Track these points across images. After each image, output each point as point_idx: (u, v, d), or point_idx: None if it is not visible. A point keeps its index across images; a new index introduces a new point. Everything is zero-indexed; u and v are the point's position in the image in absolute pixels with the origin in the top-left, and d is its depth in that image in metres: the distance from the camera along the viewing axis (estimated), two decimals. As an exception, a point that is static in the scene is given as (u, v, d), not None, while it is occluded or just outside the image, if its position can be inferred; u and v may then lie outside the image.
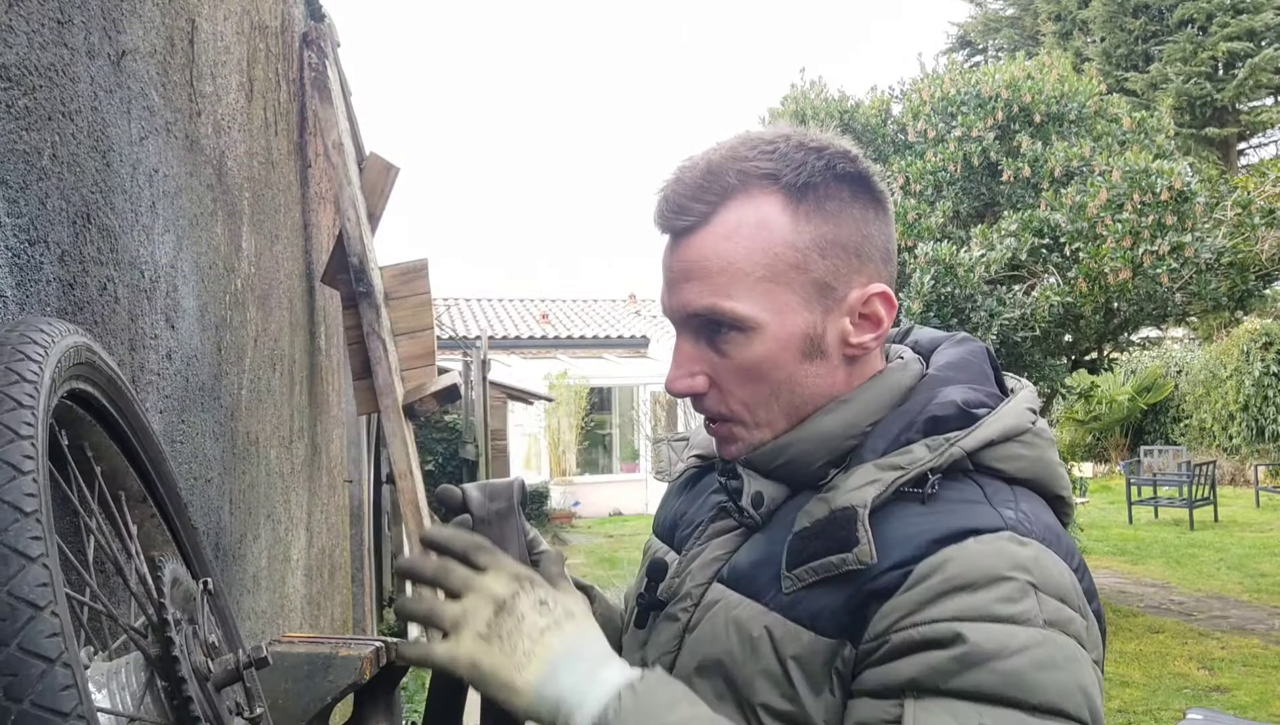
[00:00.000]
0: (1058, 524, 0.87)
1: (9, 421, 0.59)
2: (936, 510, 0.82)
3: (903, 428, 0.87)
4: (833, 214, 0.88)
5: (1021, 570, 0.77)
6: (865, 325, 0.90)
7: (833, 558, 0.81)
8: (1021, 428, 0.88)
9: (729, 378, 0.90)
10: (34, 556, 0.55)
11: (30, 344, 0.65)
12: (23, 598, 0.53)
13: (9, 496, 0.56)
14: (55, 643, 0.53)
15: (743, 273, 0.86)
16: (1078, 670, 0.75)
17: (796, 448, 0.90)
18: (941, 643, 0.75)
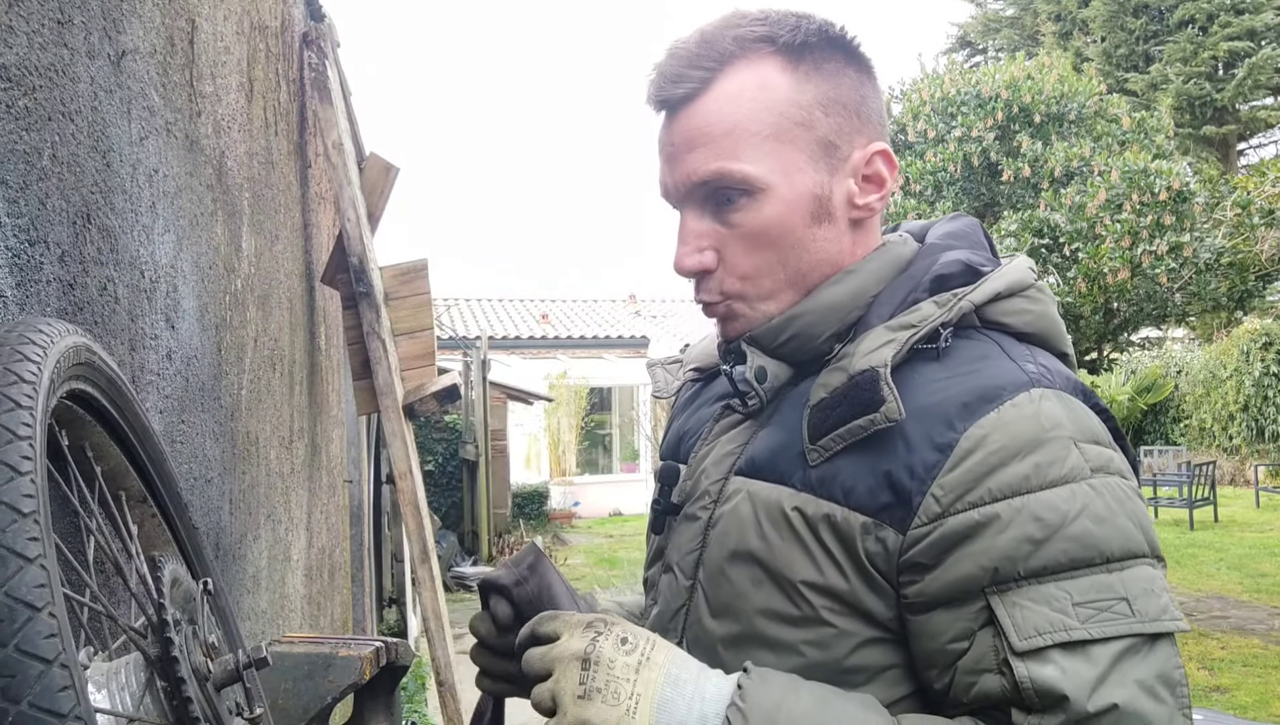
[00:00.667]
0: (1073, 373, 0.86)
1: (7, 422, 0.59)
2: (956, 372, 0.81)
3: (910, 290, 0.87)
4: (831, 74, 0.88)
5: (1057, 427, 0.77)
6: (869, 186, 0.90)
7: (859, 421, 0.79)
8: (1026, 282, 0.88)
9: (736, 249, 0.88)
10: (32, 557, 0.54)
11: (29, 344, 0.65)
12: (20, 599, 0.53)
13: (7, 497, 0.56)
14: (53, 644, 0.53)
15: (749, 133, 0.85)
16: (1131, 508, 0.77)
17: (803, 320, 0.88)
18: (1003, 523, 0.74)
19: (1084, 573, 0.73)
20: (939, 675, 0.78)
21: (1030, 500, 0.74)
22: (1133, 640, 0.72)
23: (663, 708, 0.74)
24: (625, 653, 0.76)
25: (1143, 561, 0.75)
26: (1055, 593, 0.73)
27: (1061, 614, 0.72)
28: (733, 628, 0.85)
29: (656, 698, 0.74)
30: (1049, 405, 0.78)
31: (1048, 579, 0.73)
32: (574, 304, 21.97)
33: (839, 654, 0.80)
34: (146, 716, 0.70)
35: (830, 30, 0.89)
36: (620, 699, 0.74)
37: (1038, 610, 0.73)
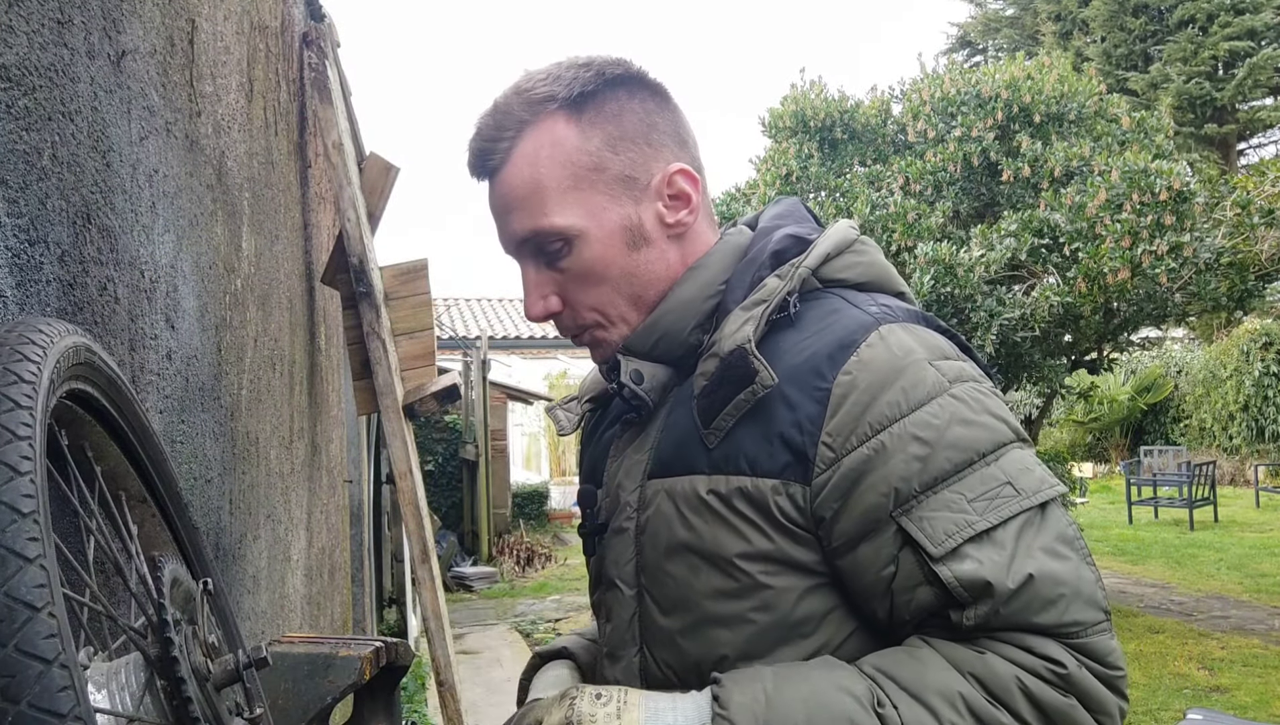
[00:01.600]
0: (909, 307, 0.96)
1: (6, 422, 0.59)
2: (812, 330, 0.90)
3: (754, 271, 0.96)
4: (613, 115, 0.96)
5: (909, 353, 0.86)
6: (676, 204, 0.97)
7: (741, 395, 0.87)
8: (849, 239, 0.98)
9: (574, 289, 0.97)
10: (31, 558, 0.54)
11: (29, 344, 0.65)
12: (20, 599, 0.53)
13: (6, 497, 0.56)
14: (52, 644, 0.53)
15: (550, 189, 0.94)
16: (989, 404, 0.86)
17: (665, 320, 0.96)
18: (889, 451, 0.83)
19: (968, 472, 0.82)
20: (879, 604, 0.85)
21: (906, 423, 0.83)
22: (1026, 515, 0.82)
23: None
24: (602, 704, 0.83)
25: (1012, 447, 0.85)
26: (951, 497, 0.81)
27: (962, 513, 0.81)
28: (685, 618, 0.91)
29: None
30: (898, 336, 0.88)
31: (940, 487, 0.82)
32: (574, 304, 21.93)
33: (785, 610, 0.87)
34: (146, 716, 0.70)
35: (608, 72, 0.96)
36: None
37: (941, 516, 0.81)
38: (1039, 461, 0.87)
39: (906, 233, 6.60)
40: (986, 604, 0.79)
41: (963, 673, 0.80)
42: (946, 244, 6.40)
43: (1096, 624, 0.81)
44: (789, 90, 7.95)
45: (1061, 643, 0.80)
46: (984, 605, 0.79)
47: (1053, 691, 0.79)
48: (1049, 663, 0.79)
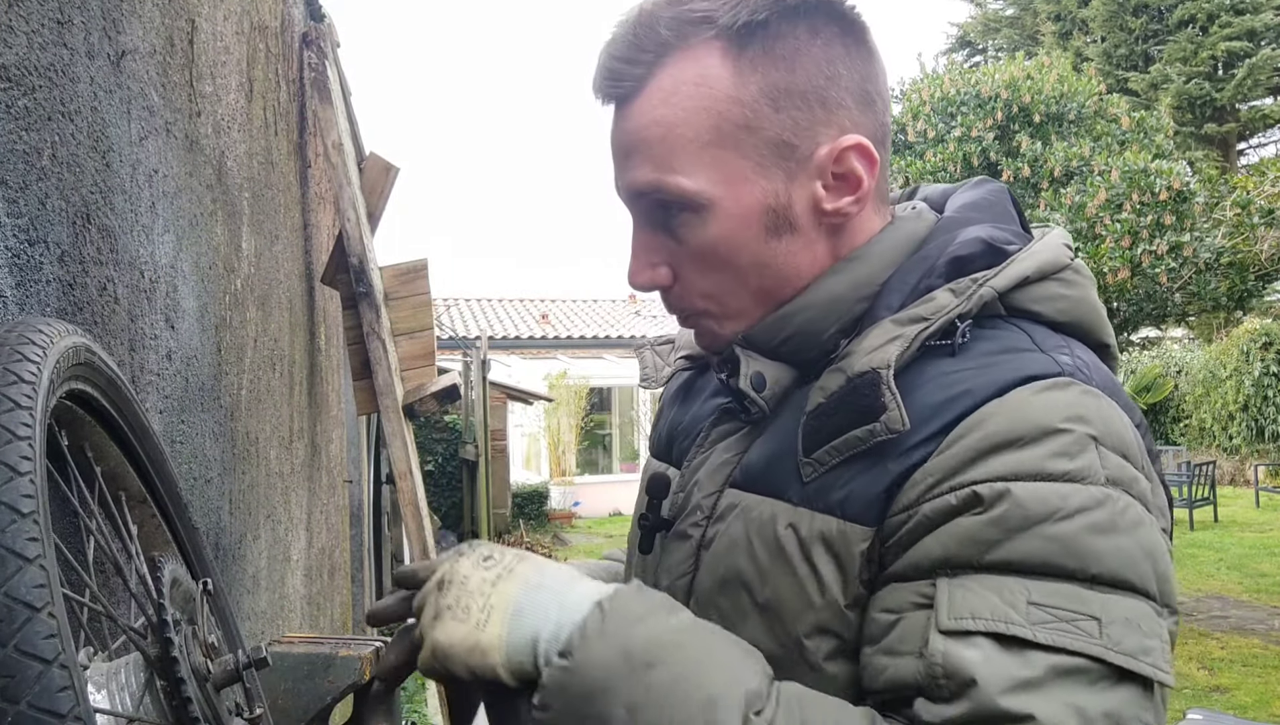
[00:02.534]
0: (1113, 375, 0.75)
1: (6, 422, 0.59)
2: (975, 364, 0.70)
3: (921, 275, 0.75)
4: (785, 57, 0.74)
5: (1079, 421, 0.65)
6: (841, 186, 0.77)
7: (857, 431, 0.69)
8: (1061, 262, 0.76)
9: (689, 266, 0.78)
10: (31, 558, 0.54)
11: (28, 344, 0.65)
12: (20, 599, 0.53)
13: (6, 497, 0.56)
14: (52, 644, 0.53)
15: (684, 140, 0.74)
16: (1143, 534, 0.64)
17: (802, 316, 0.77)
18: (980, 504, 0.64)
19: (1054, 578, 0.62)
20: (862, 662, 0.69)
21: (1017, 486, 0.63)
22: (1088, 664, 0.60)
23: (516, 620, 0.65)
24: (484, 568, 0.68)
25: (1138, 598, 0.63)
26: (1011, 585, 0.62)
27: (1009, 606, 0.61)
28: None
29: (511, 607, 0.66)
30: (1075, 396, 0.67)
31: (1008, 573, 0.63)
32: (574, 304, 21.97)
33: (825, 687, 0.70)
34: (146, 716, 0.70)
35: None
36: (470, 613, 0.66)
37: (982, 595, 0.62)
38: (1165, 639, 0.63)
39: (906, 233, 6.61)
40: (959, 707, 0.61)
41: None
42: (946, 244, 6.40)
43: None
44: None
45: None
46: (955, 707, 0.61)
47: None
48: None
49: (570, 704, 0.62)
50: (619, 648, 0.62)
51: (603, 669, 0.61)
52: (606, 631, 0.63)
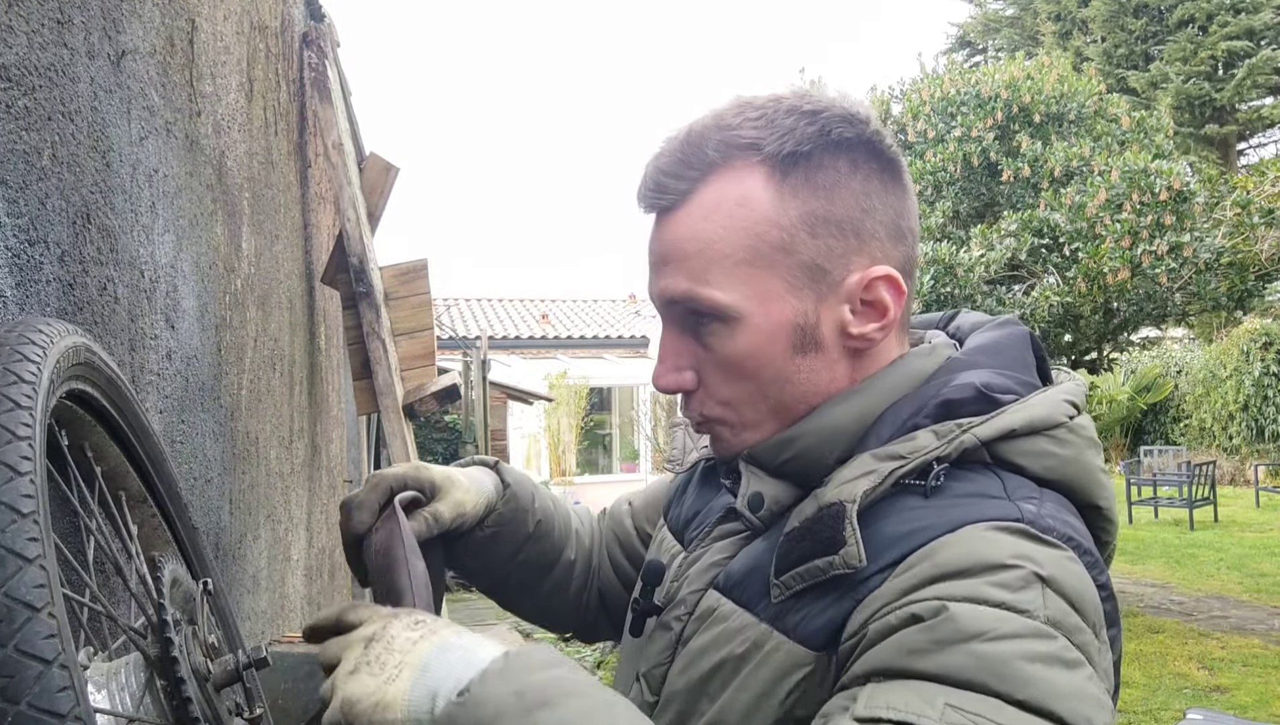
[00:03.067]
0: (1089, 535, 0.74)
1: (6, 422, 0.59)
2: (940, 504, 0.72)
3: (912, 413, 0.77)
4: (825, 187, 0.78)
5: (1029, 561, 0.66)
6: (868, 313, 0.80)
7: (818, 562, 0.71)
8: (1054, 421, 0.76)
9: (713, 374, 0.81)
10: (31, 558, 0.54)
11: (29, 344, 0.65)
12: (20, 599, 0.53)
13: (6, 497, 0.56)
14: (52, 644, 0.53)
15: (721, 255, 0.78)
16: (1077, 676, 0.63)
17: (803, 442, 0.80)
18: (919, 622, 0.65)
19: (978, 694, 0.61)
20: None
21: (954, 605, 0.64)
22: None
23: (424, 670, 0.66)
24: (413, 629, 0.69)
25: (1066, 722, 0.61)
26: (934, 689, 0.62)
27: (926, 703, 0.61)
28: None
29: (420, 663, 0.66)
30: (1028, 543, 0.68)
31: (934, 682, 0.62)
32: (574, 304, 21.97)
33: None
34: (146, 716, 0.70)
35: (835, 132, 0.79)
36: (385, 668, 0.66)
37: (902, 692, 0.63)
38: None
39: (906, 233, 6.61)
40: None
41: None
42: (946, 244, 6.41)
43: None
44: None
45: None
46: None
47: None
48: None
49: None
50: (514, 688, 0.62)
51: (494, 706, 0.62)
52: (506, 673, 0.64)
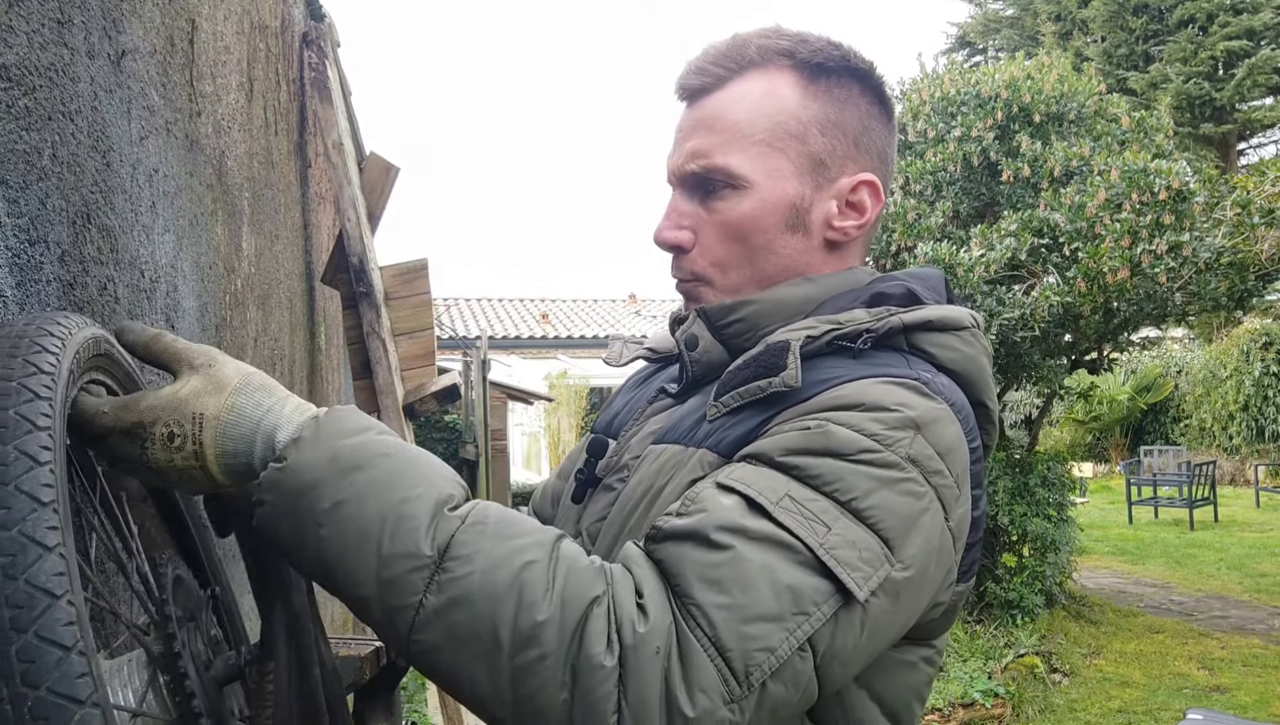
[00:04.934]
0: (971, 410, 0.85)
1: (27, 412, 0.59)
2: (858, 363, 0.83)
3: (849, 302, 0.90)
4: (840, 100, 0.92)
5: (909, 408, 0.77)
6: (850, 212, 0.93)
7: (759, 382, 0.81)
8: (962, 323, 0.89)
9: (711, 234, 0.92)
10: (51, 546, 0.55)
11: (48, 336, 0.66)
12: (40, 586, 0.54)
13: (27, 486, 0.56)
14: (71, 631, 0.53)
15: (744, 133, 0.90)
16: (914, 505, 0.74)
17: (751, 307, 0.91)
18: (803, 429, 0.75)
19: (819, 495, 0.72)
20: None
21: (834, 426, 0.74)
22: (799, 546, 0.69)
23: (245, 392, 0.72)
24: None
25: (877, 540, 0.71)
26: (785, 481, 0.72)
27: (770, 488, 0.72)
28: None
29: (240, 386, 0.72)
30: (912, 394, 0.78)
31: (789, 476, 0.73)
32: (574, 304, 21.96)
33: None
34: (149, 712, 0.71)
35: (854, 61, 0.93)
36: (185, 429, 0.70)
37: (758, 474, 0.73)
38: (880, 581, 0.71)
39: (906, 233, 6.61)
40: (684, 522, 0.71)
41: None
42: (946, 244, 6.40)
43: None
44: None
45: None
46: (682, 521, 0.71)
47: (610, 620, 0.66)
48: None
49: (284, 499, 0.68)
50: (328, 454, 0.69)
51: (312, 474, 0.68)
52: (319, 440, 0.69)
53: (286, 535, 0.68)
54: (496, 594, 0.65)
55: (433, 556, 0.66)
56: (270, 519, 0.69)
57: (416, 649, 0.66)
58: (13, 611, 0.53)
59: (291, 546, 0.68)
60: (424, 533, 0.66)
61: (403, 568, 0.65)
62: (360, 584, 0.66)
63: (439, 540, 0.66)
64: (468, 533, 0.67)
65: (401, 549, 0.66)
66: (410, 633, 0.65)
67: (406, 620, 0.65)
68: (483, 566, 0.65)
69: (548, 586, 0.65)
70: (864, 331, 0.84)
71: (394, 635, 0.67)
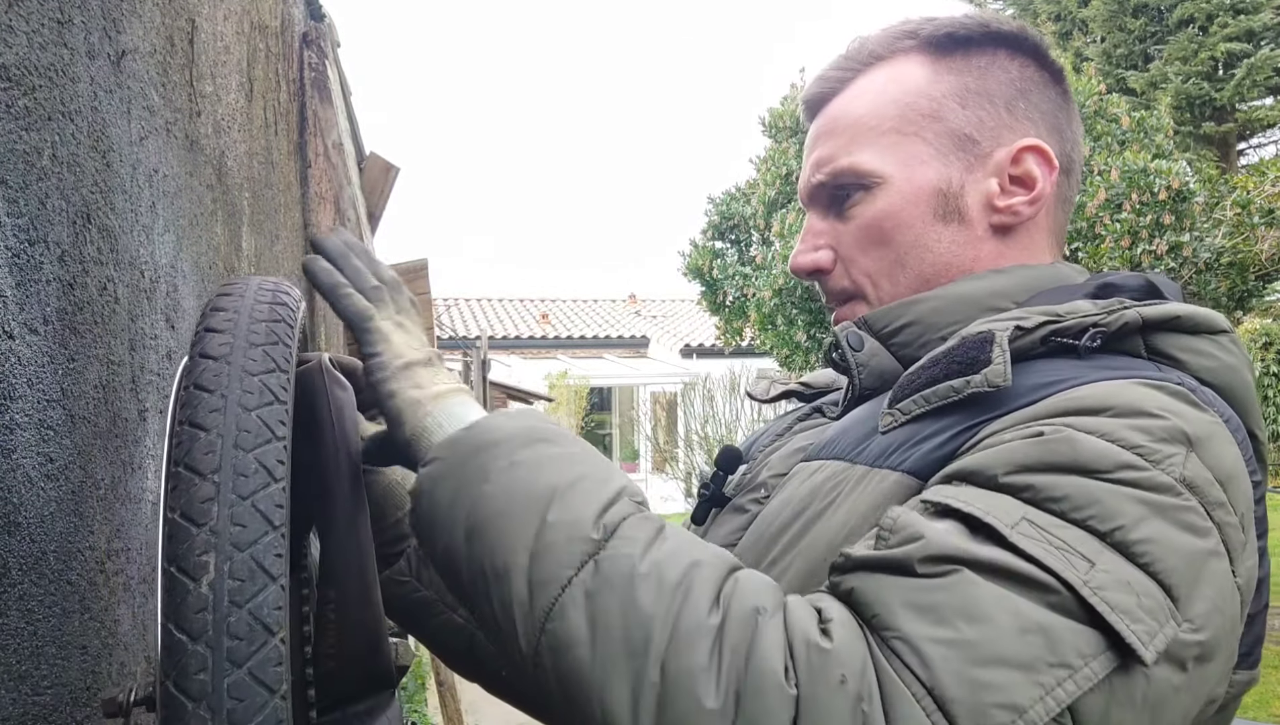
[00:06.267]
0: (1245, 432, 0.65)
1: (268, 418, 0.56)
2: (1090, 364, 0.64)
3: (1063, 297, 0.72)
4: (980, 67, 0.79)
5: (1179, 417, 0.58)
6: (1017, 188, 0.78)
7: (954, 382, 0.64)
8: (1219, 325, 0.68)
9: (852, 244, 0.80)
10: (275, 576, 0.52)
11: (282, 322, 0.62)
12: (261, 620, 0.51)
13: (263, 505, 0.53)
14: (280, 673, 0.51)
15: (868, 127, 0.78)
16: (1198, 544, 0.54)
17: (925, 306, 0.76)
18: (1036, 435, 0.57)
19: (1068, 523, 0.53)
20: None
21: (1080, 434, 0.56)
22: (1055, 583, 0.50)
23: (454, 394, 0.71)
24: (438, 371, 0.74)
25: (1157, 586, 0.52)
26: (1013, 503, 0.54)
27: (1002, 510, 0.54)
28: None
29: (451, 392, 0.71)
30: (1184, 406, 0.60)
31: (1020, 498, 0.55)
32: (574, 304, 21.97)
33: None
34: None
35: (996, 26, 0.80)
36: (438, 374, 0.72)
37: (980, 494, 0.56)
38: (1165, 639, 0.51)
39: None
40: (888, 549, 0.55)
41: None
42: (946, 244, 6.40)
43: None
44: (789, 90, 7.94)
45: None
46: (886, 550, 0.55)
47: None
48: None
49: (457, 456, 0.62)
50: (523, 424, 0.63)
51: (501, 433, 0.62)
52: (514, 415, 0.65)
53: (442, 498, 0.61)
54: (659, 586, 0.53)
55: (599, 537, 0.56)
56: (432, 480, 0.62)
57: (548, 642, 0.54)
58: (233, 642, 0.49)
59: (442, 510, 0.60)
60: (597, 509, 0.58)
61: (563, 536, 0.56)
62: (510, 550, 0.56)
63: (609, 521, 0.57)
64: (640, 525, 0.58)
65: (569, 517, 0.57)
66: (548, 617, 0.54)
67: (549, 599, 0.54)
68: (649, 555, 0.55)
69: (716, 593, 0.53)
70: (1091, 326, 0.65)
71: (526, 622, 0.55)
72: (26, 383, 0.76)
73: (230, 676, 0.49)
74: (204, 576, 0.50)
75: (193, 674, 0.48)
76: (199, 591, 0.50)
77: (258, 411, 0.55)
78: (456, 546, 0.59)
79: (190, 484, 0.52)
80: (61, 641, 0.79)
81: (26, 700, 0.71)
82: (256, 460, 0.53)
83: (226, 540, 0.51)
